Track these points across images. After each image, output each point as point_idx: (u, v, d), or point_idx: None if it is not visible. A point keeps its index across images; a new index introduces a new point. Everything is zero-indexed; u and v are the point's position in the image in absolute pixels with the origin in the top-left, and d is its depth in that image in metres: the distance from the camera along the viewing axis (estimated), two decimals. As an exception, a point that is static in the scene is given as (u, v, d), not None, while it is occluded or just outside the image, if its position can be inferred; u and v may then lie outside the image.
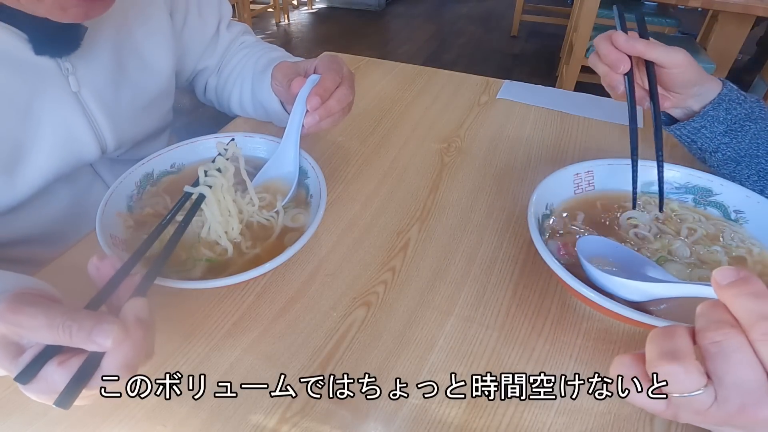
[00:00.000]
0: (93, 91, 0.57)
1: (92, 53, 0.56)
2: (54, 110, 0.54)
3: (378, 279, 0.51)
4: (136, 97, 0.63)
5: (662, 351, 0.27)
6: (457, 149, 0.72)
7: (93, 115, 0.57)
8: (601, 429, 0.39)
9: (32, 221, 0.58)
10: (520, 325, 0.47)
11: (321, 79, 0.56)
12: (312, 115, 0.56)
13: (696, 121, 0.56)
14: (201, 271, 0.47)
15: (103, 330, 0.30)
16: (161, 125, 0.71)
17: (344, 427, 0.39)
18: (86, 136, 0.57)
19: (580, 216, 0.53)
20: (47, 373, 0.30)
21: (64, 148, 0.56)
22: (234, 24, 0.78)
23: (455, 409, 0.40)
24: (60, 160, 0.56)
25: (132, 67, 0.61)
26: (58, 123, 0.54)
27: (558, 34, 3.45)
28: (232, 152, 0.51)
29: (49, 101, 0.53)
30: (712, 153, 0.57)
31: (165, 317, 0.47)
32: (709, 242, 0.50)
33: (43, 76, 0.52)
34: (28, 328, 0.30)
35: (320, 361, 0.43)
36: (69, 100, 0.55)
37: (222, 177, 0.48)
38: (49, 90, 0.53)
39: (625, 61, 0.52)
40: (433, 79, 0.93)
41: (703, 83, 0.55)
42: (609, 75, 0.54)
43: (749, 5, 1.82)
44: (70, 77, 0.54)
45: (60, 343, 0.31)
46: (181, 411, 0.40)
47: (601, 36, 0.54)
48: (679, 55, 0.52)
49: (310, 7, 4.40)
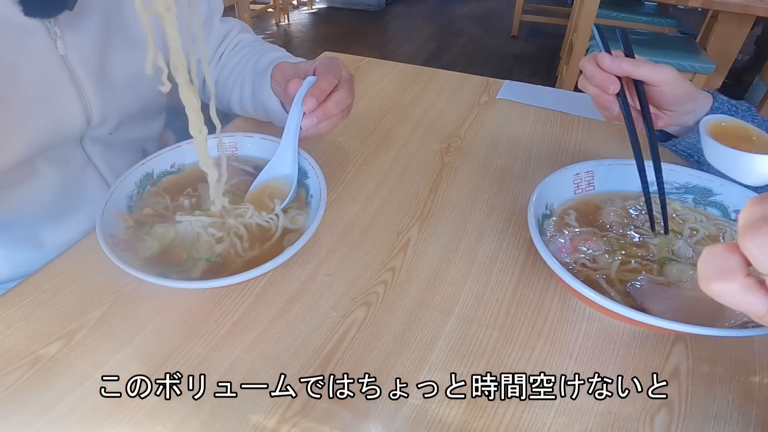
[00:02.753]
0: (80, 56, 0.56)
1: (81, 20, 0.55)
2: (41, 73, 0.53)
3: (378, 279, 0.51)
4: (122, 69, 0.62)
5: (756, 216, 0.23)
6: (457, 149, 0.72)
7: (79, 80, 0.57)
8: (601, 429, 0.39)
9: (22, 201, 0.57)
10: (520, 325, 0.47)
11: (317, 81, 0.56)
12: (310, 118, 0.55)
13: (690, 136, 0.56)
14: (201, 271, 0.47)
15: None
16: (152, 106, 0.70)
17: (344, 427, 0.39)
18: (72, 103, 0.56)
19: (572, 213, 0.53)
20: None
21: (50, 114, 0.55)
22: (229, 19, 0.78)
23: (455, 409, 0.40)
24: (46, 126, 0.55)
25: (119, 41, 0.61)
26: (45, 86, 0.54)
27: (558, 34, 3.45)
28: None
29: (35, 63, 0.52)
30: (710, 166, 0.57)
31: (165, 317, 0.47)
32: (711, 242, 0.50)
33: (30, 38, 0.51)
34: None
35: (320, 361, 0.43)
36: (56, 62, 0.54)
37: None
38: (37, 52, 0.52)
39: (614, 81, 0.51)
40: (433, 79, 0.93)
41: (696, 99, 0.54)
42: (600, 96, 0.53)
43: (749, 5, 1.82)
44: (58, 41, 0.53)
45: None
46: (181, 411, 0.40)
47: (586, 58, 0.54)
48: (666, 71, 0.52)
49: (310, 7, 4.39)
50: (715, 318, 0.41)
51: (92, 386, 0.41)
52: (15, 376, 0.42)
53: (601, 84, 0.52)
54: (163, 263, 0.47)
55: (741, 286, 0.24)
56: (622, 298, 0.44)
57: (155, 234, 0.49)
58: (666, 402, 0.41)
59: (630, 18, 2.53)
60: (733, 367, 0.43)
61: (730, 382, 0.42)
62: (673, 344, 0.45)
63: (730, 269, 0.24)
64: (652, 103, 0.54)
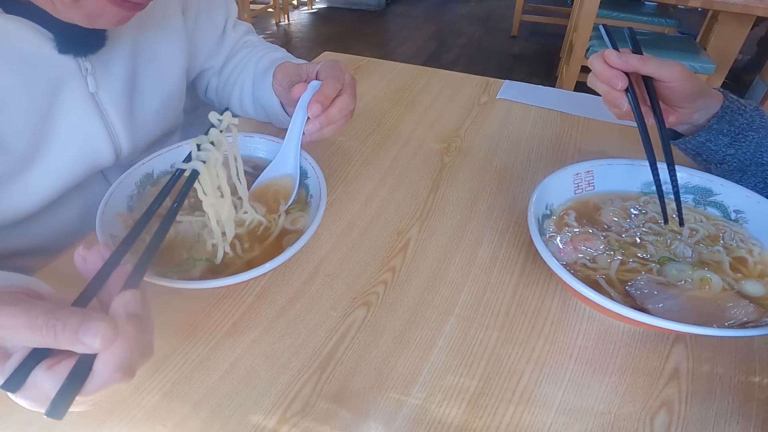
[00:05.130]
0: (110, 92, 0.56)
1: (111, 53, 0.55)
2: (71, 112, 0.53)
3: (378, 279, 0.51)
4: (150, 100, 0.62)
5: None
6: (457, 149, 0.72)
7: (109, 118, 0.56)
8: (601, 429, 0.39)
9: (42, 230, 0.57)
10: (520, 325, 0.47)
11: (322, 86, 0.56)
12: (313, 123, 0.55)
13: (701, 135, 0.55)
14: (201, 271, 0.47)
15: (90, 328, 0.27)
16: (173, 128, 0.70)
17: (344, 427, 0.39)
18: (102, 140, 0.56)
19: (572, 213, 0.53)
20: (36, 380, 0.28)
21: (79, 152, 0.54)
22: (239, 23, 0.78)
23: (455, 409, 0.40)
24: (75, 164, 0.55)
25: (147, 70, 0.61)
26: (75, 125, 0.53)
27: (558, 34, 3.45)
28: (227, 123, 0.47)
29: (67, 102, 0.52)
30: (718, 164, 0.57)
31: (165, 317, 0.47)
32: (711, 242, 0.50)
33: (62, 76, 0.51)
34: (8, 329, 0.27)
35: (320, 361, 0.43)
36: (87, 101, 0.54)
37: (217, 151, 0.45)
38: (68, 90, 0.52)
39: (622, 78, 0.51)
40: (433, 79, 0.93)
41: (707, 96, 0.54)
42: (610, 93, 0.53)
43: (749, 5, 1.82)
44: (89, 77, 0.53)
45: (45, 346, 0.28)
46: (181, 411, 0.40)
47: (594, 56, 0.53)
48: (675, 68, 0.51)
49: (310, 7, 4.39)
50: (715, 318, 0.42)
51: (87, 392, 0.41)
52: (15, 376, 0.41)
53: (609, 80, 0.52)
54: (162, 263, 0.47)
55: None
56: (622, 298, 0.44)
57: (155, 234, 0.49)
58: (666, 402, 0.41)
59: (630, 18, 2.53)
60: (733, 367, 0.43)
61: (730, 382, 0.42)
62: (673, 344, 0.45)
63: None
64: (663, 100, 0.54)
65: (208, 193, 0.45)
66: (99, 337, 0.27)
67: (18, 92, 0.48)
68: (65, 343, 0.27)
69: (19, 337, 0.28)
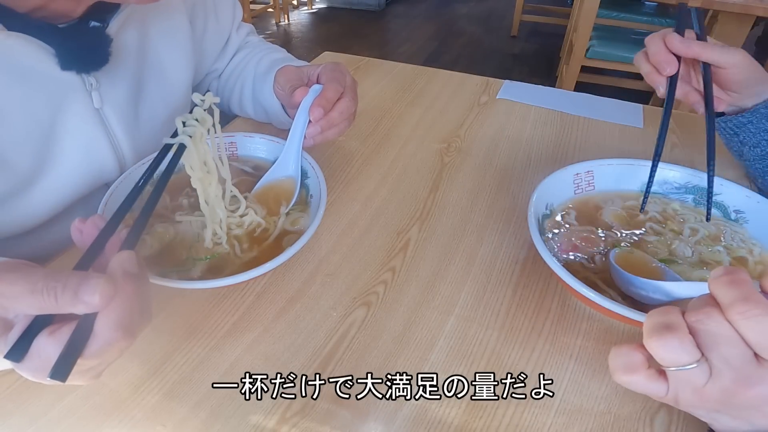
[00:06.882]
0: (115, 107, 0.55)
1: (116, 67, 0.54)
2: (76, 128, 0.52)
3: (378, 279, 0.51)
4: (156, 113, 0.61)
5: (658, 323, 0.30)
6: (457, 149, 0.72)
7: (114, 133, 0.56)
8: (601, 429, 0.39)
9: (45, 240, 0.56)
10: (520, 325, 0.47)
11: (323, 90, 0.56)
12: (315, 126, 0.56)
13: (745, 116, 0.55)
14: (201, 271, 0.47)
15: (89, 286, 0.27)
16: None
17: (344, 427, 0.39)
18: (107, 155, 0.56)
19: (572, 213, 0.53)
20: (39, 347, 0.28)
21: (84, 168, 0.54)
22: (243, 26, 0.77)
23: (455, 409, 0.40)
24: (79, 179, 0.54)
25: (153, 83, 0.60)
26: (80, 141, 0.53)
27: (558, 34, 3.45)
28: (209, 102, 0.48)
29: (71, 118, 0.51)
30: (753, 147, 0.56)
31: (165, 317, 0.47)
32: (711, 242, 0.50)
33: (66, 92, 0.51)
34: (9, 296, 0.28)
35: (320, 361, 0.43)
36: (91, 117, 0.53)
37: (201, 127, 0.45)
38: (73, 106, 0.51)
39: (673, 63, 0.50)
40: (433, 79, 0.93)
41: (765, 83, 0.53)
42: (652, 75, 0.52)
43: (749, 5, 1.82)
44: (94, 93, 0.53)
45: (46, 310, 0.28)
46: (180, 411, 0.40)
47: (654, 35, 0.52)
48: (736, 54, 0.51)
49: (310, 7, 4.39)
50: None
51: (92, 386, 0.41)
52: (15, 376, 0.41)
53: (659, 64, 0.51)
54: (162, 263, 0.47)
55: (645, 376, 0.30)
56: (622, 298, 0.44)
57: (155, 234, 0.49)
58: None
59: (630, 18, 2.53)
60: (733, 367, 0.43)
61: (730, 382, 0.42)
62: (673, 344, 0.45)
63: (635, 364, 0.31)
64: (719, 85, 0.53)
65: (195, 167, 0.45)
66: (98, 293, 0.27)
67: (20, 109, 0.48)
68: (66, 305, 0.28)
69: (20, 303, 0.28)
